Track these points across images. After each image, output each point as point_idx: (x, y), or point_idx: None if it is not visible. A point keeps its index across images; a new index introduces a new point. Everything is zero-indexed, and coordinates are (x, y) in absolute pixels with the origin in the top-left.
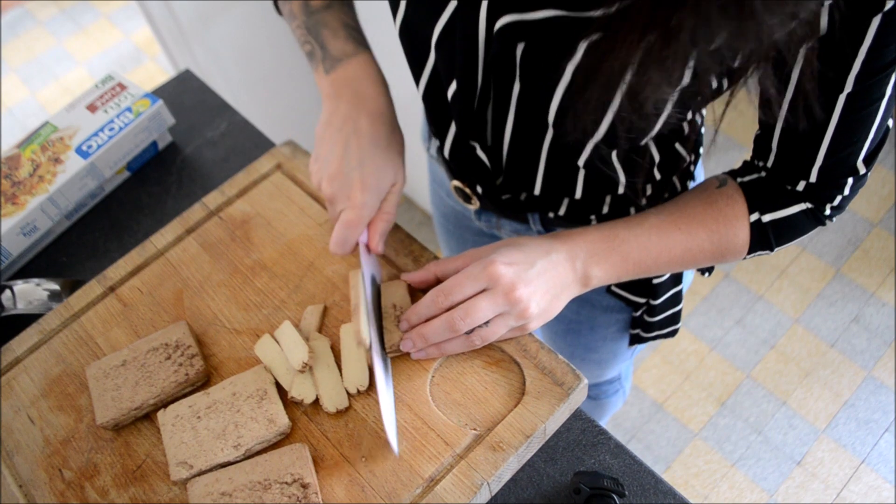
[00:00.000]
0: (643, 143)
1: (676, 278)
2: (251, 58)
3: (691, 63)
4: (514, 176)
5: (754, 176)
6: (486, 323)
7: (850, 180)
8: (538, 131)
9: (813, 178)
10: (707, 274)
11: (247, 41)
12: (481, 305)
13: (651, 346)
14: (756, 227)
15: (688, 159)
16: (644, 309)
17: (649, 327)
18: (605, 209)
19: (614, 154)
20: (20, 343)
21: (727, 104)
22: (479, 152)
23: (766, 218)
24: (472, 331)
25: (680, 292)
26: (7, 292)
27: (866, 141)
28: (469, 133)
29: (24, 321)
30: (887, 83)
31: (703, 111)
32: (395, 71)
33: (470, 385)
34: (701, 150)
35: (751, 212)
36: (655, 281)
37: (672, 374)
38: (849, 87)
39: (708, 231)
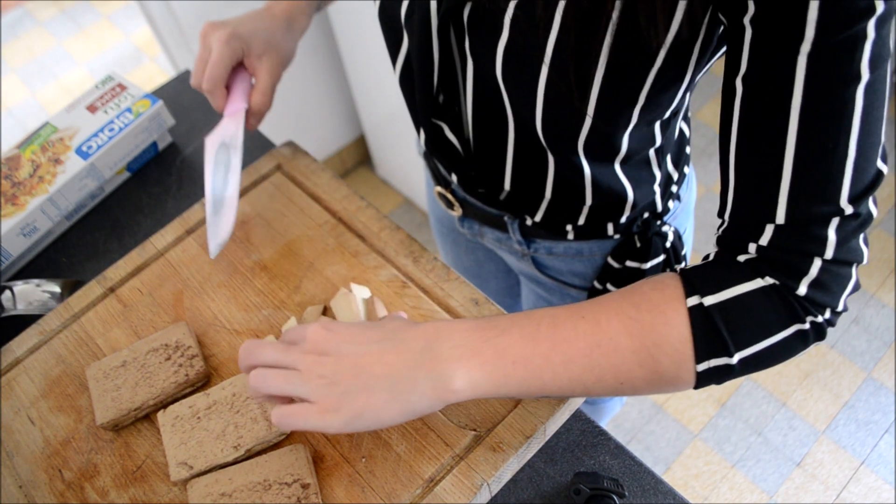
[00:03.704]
0: (586, 122)
1: None
2: None
3: (612, 25)
4: (485, 164)
5: (703, 258)
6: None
7: (832, 234)
8: (499, 114)
9: (781, 219)
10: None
11: None
12: (266, 349)
13: None
14: (697, 315)
15: (658, 175)
16: None
17: None
18: (582, 220)
19: (580, 143)
20: (20, 344)
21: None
22: (448, 133)
23: (710, 300)
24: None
25: None
26: (7, 293)
27: (846, 162)
28: (437, 115)
29: (24, 322)
30: (859, 57)
31: (688, 126)
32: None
33: None
34: (685, 178)
35: (688, 295)
36: None
37: None
38: (808, 41)
39: (624, 318)
